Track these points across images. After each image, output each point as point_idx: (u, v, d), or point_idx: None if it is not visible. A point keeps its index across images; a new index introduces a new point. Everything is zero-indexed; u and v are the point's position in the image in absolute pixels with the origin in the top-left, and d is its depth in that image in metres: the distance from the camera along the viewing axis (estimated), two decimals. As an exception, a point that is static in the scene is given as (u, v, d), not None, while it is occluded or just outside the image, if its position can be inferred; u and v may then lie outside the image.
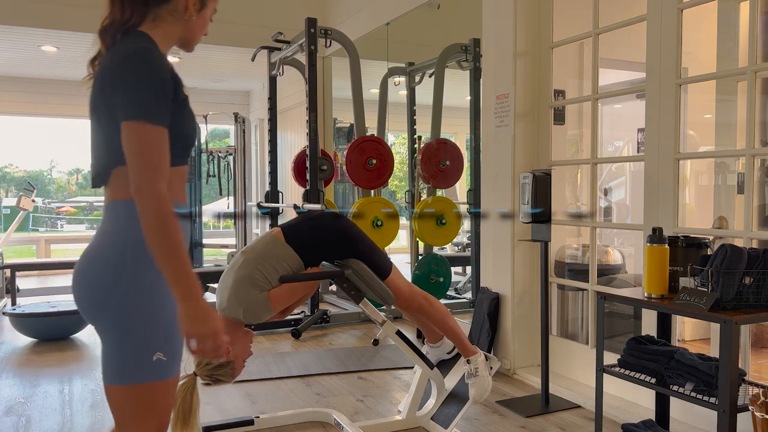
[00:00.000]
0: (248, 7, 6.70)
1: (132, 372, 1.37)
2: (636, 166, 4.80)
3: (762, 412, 1.87)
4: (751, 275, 2.03)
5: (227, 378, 2.50)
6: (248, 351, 2.59)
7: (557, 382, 3.45)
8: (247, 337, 2.58)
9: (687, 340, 4.00)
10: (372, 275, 2.58)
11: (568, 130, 3.93)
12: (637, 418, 2.79)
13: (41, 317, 4.61)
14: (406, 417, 2.89)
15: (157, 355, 1.38)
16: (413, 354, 2.77)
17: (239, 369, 2.54)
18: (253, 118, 9.83)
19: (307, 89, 5.05)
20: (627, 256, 4.38)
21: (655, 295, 2.22)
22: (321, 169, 5.21)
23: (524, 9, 3.66)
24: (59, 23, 6.05)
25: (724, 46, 3.77)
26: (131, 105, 1.29)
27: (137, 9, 1.43)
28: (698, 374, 2.06)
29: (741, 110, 3.70)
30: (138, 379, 1.37)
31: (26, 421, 3.09)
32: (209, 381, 2.47)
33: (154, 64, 1.33)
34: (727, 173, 4.11)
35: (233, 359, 2.48)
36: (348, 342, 4.65)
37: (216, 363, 2.43)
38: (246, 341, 2.57)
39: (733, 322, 1.90)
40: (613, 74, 4.42)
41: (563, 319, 3.92)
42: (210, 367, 2.43)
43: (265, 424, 2.95)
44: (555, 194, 3.32)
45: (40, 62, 7.70)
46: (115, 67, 1.34)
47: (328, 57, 6.77)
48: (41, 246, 9.53)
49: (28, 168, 15.11)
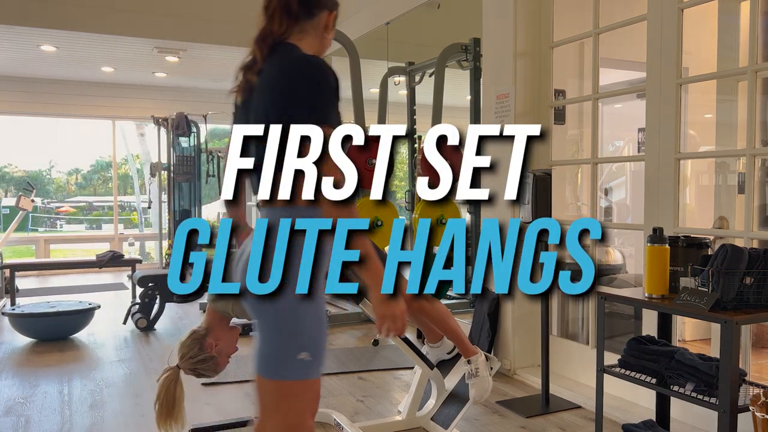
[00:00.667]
0: (248, 7, 6.67)
1: (278, 368, 1.47)
2: (636, 166, 4.80)
3: (762, 413, 1.86)
4: (751, 275, 2.03)
5: (210, 373, 2.47)
6: (233, 347, 2.54)
7: (557, 383, 3.44)
8: (233, 333, 2.54)
9: (687, 340, 4.00)
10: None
11: (569, 129, 3.93)
12: (637, 418, 2.79)
13: (41, 317, 4.60)
14: (406, 417, 2.89)
15: (304, 354, 1.47)
16: (413, 354, 2.76)
17: (223, 364, 2.50)
18: (253, 118, 9.83)
19: (307, 89, 5.04)
20: (627, 256, 4.38)
21: (656, 295, 2.22)
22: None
23: (524, 9, 3.66)
24: (59, 23, 6.05)
25: (725, 46, 3.76)
26: (316, 111, 1.43)
27: (290, 23, 1.59)
28: (699, 374, 2.06)
29: (741, 110, 3.69)
30: (283, 375, 1.47)
31: (26, 422, 3.09)
32: (192, 374, 2.44)
33: (330, 73, 1.49)
34: (727, 173, 4.11)
35: (217, 354, 2.45)
36: (348, 342, 4.65)
37: (200, 357, 2.41)
38: (232, 337, 2.53)
39: (733, 323, 1.90)
40: (614, 74, 4.42)
41: (563, 320, 3.92)
42: (194, 360, 2.41)
43: (264, 424, 2.95)
44: (555, 194, 3.32)
45: (40, 62, 7.70)
46: (296, 76, 1.48)
47: (328, 57, 6.77)
48: (40, 246, 9.53)
49: (27, 168, 15.09)
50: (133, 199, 14.71)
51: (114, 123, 9.64)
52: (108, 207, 14.13)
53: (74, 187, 16.17)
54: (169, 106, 9.31)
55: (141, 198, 13.43)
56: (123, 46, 6.89)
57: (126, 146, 12.85)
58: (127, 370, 3.98)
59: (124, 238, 9.86)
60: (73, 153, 15.03)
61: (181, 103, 9.38)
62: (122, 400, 3.40)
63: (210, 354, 2.44)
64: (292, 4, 1.58)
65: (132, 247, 9.61)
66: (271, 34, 1.58)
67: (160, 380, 2.39)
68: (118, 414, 3.19)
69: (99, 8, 6.16)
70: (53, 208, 15.44)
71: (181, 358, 2.42)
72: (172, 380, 2.38)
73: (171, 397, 2.37)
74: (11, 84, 8.61)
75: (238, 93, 1.60)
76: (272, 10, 1.59)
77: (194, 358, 2.41)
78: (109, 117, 9.45)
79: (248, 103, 1.59)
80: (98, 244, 10.25)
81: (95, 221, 15.30)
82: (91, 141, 13.92)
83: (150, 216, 11.86)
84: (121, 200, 14.57)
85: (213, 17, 6.58)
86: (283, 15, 1.58)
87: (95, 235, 13.77)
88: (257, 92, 1.55)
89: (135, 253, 9.67)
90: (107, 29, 6.23)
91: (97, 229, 14.99)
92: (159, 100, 9.40)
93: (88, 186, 16.61)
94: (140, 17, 6.32)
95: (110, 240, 9.86)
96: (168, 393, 2.36)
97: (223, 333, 2.50)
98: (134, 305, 5.21)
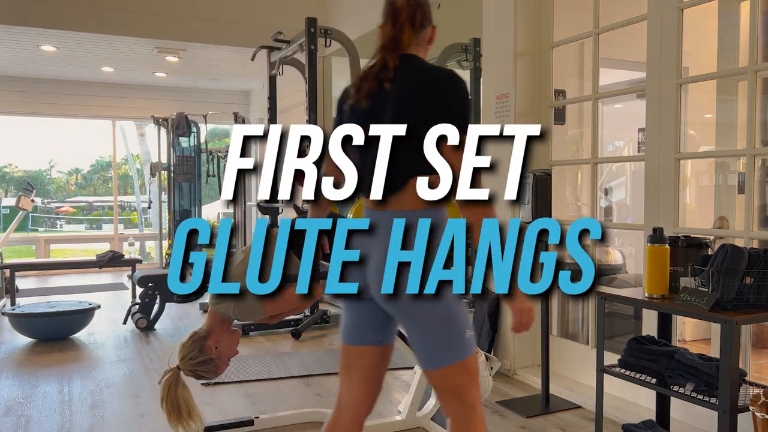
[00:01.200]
0: (248, 6, 6.70)
1: (459, 350, 1.65)
2: (636, 166, 4.80)
3: (762, 413, 1.86)
4: (751, 275, 2.03)
5: (210, 375, 2.46)
6: (234, 350, 2.54)
7: (557, 383, 3.44)
8: (234, 336, 2.54)
9: (687, 340, 4.00)
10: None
11: (569, 129, 3.93)
12: (637, 418, 2.79)
13: (41, 317, 4.60)
14: (406, 417, 2.89)
15: (468, 332, 1.67)
16: (413, 354, 2.76)
17: (223, 367, 2.50)
18: (253, 117, 9.83)
19: (307, 89, 5.05)
20: (627, 256, 4.38)
21: (656, 295, 2.22)
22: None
23: (524, 9, 3.66)
24: (59, 23, 6.05)
25: (725, 46, 3.76)
26: (464, 123, 1.59)
27: (413, 35, 1.74)
28: (699, 374, 2.06)
29: (741, 110, 3.69)
30: (463, 354, 1.65)
31: (26, 422, 3.09)
32: (191, 376, 2.43)
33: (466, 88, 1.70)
34: (727, 173, 4.11)
35: (217, 357, 2.45)
36: (348, 342, 4.65)
37: (200, 359, 2.40)
38: (233, 340, 2.53)
39: (733, 322, 1.90)
40: (614, 74, 4.42)
41: (564, 320, 3.92)
42: (194, 362, 2.40)
43: (265, 424, 2.95)
44: (555, 194, 3.32)
45: (40, 62, 7.70)
46: (447, 89, 1.64)
47: (328, 56, 6.76)
48: (40, 246, 9.53)
49: (27, 168, 15.09)
50: (133, 199, 14.71)
51: (114, 123, 9.64)
52: (108, 207, 14.13)
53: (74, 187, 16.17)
54: (169, 106, 9.31)
55: (141, 198, 13.43)
56: (123, 46, 6.89)
57: (126, 146, 12.85)
58: (127, 370, 3.98)
59: (124, 238, 9.86)
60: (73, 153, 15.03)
61: (181, 103, 9.38)
62: (122, 400, 3.40)
63: (210, 356, 2.43)
64: (417, 18, 1.73)
65: (132, 247, 9.61)
66: (400, 44, 1.71)
67: (162, 382, 2.39)
68: (118, 414, 3.19)
69: (99, 8, 6.16)
70: (53, 208, 15.44)
71: (181, 359, 2.42)
72: (172, 382, 2.38)
73: (174, 398, 2.37)
74: (11, 84, 8.62)
75: (364, 98, 1.69)
76: (402, 22, 1.72)
77: (194, 360, 2.41)
78: (109, 117, 9.45)
79: (379, 108, 1.68)
80: (98, 244, 10.25)
81: (95, 221, 15.30)
82: (91, 141, 13.92)
83: (150, 216, 11.87)
84: (121, 200, 14.57)
85: (213, 17, 6.58)
86: (410, 27, 1.72)
87: (95, 235, 13.77)
88: (395, 99, 1.66)
89: (135, 253, 9.67)
90: (107, 29, 6.23)
91: (97, 229, 14.99)
92: (159, 100, 9.40)
93: (88, 186, 16.61)
94: (140, 17, 6.32)
95: (110, 240, 9.86)
96: (170, 394, 2.37)
97: (224, 335, 2.50)
98: (134, 305, 5.21)
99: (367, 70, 1.73)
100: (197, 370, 2.43)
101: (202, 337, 2.45)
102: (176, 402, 2.37)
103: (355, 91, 1.73)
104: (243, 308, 2.43)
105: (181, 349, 2.44)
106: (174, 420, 2.38)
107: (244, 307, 2.43)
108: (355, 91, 1.73)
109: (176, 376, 2.40)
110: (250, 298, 2.43)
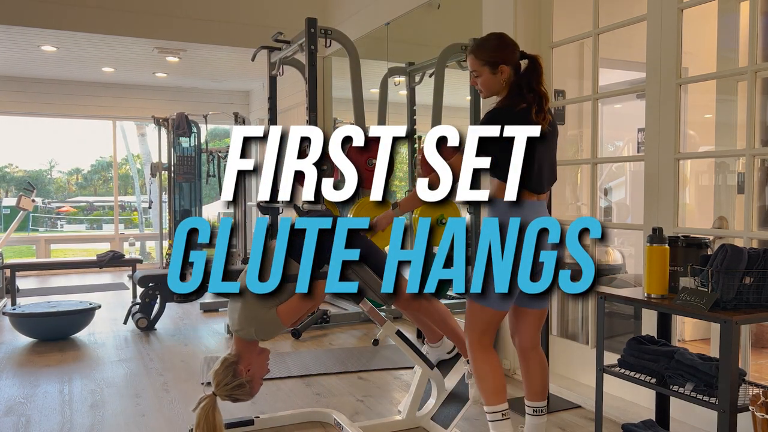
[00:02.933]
0: (248, 7, 6.70)
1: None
2: (636, 166, 4.80)
3: (762, 413, 1.87)
4: (751, 275, 2.03)
5: (245, 397, 2.54)
6: (266, 368, 2.62)
7: (557, 382, 3.45)
8: (264, 355, 2.61)
9: (687, 340, 4.00)
10: (372, 275, 2.58)
11: (569, 130, 3.93)
12: (637, 418, 2.79)
13: (41, 317, 4.60)
14: (406, 417, 2.89)
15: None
16: (413, 354, 2.76)
17: (257, 387, 2.57)
18: (253, 118, 9.83)
19: (307, 89, 5.04)
20: (627, 256, 4.38)
21: (655, 295, 2.22)
22: (321, 169, 5.20)
23: (524, 9, 3.66)
24: (59, 23, 6.05)
25: (725, 46, 3.77)
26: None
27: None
28: (698, 374, 2.06)
29: (741, 110, 3.69)
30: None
31: (26, 421, 3.09)
32: (228, 400, 2.51)
33: None
34: (727, 173, 4.11)
35: (251, 378, 2.51)
36: (348, 342, 4.65)
37: (234, 383, 2.47)
38: (263, 360, 2.60)
39: (733, 322, 1.90)
40: (613, 74, 4.42)
41: (563, 319, 3.92)
42: (229, 387, 2.47)
43: (265, 424, 2.95)
44: (555, 194, 3.32)
45: (40, 62, 7.70)
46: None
47: (328, 57, 6.76)
48: (41, 246, 9.53)
49: (27, 168, 15.10)
50: (133, 199, 14.71)
51: (114, 123, 9.64)
52: (108, 207, 14.13)
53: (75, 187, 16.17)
54: (169, 106, 9.32)
55: (141, 198, 13.43)
56: (123, 46, 6.89)
57: (126, 146, 12.86)
58: (128, 370, 3.98)
59: (124, 238, 9.86)
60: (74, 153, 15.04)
61: (181, 103, 9.38)
62: (122, 399, 3.40)
63: (243, 380, 2.49)
64: None
65: (132, 247, 9.62)
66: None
67: (198, 409, 2.44)
68: (118, 414, 3.19)
69: (99, 8, 6.17)
70: (54, 208, 15.44)
71: (216, 385, 2.48)
72: (210, 408, 2.45)
73: (212, 424, 2.44)
74: (11, 84, 8.62)
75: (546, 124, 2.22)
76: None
77: (229, 385, 2.47)
78: (110, 117, 9.46)
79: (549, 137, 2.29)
80: (99, 244, 10.26)
81: (96, 221, 15.29)
82: (92, 141, 13.92)
83: (150, 216, 11.87)
84: (122, 200, 14.57)
85: (213, 17, 6.58)
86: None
87: (96, 235, 13.76)
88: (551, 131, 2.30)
89: (135, 253, 9.68)
90: (107, 29, 6.23)
91: (97, 229, 14.99)
92: (159, 100, 9.41)
93: (89, 186, 16.61)
94: (140, 17, 6.32)
95: (111, 240, 9.86)
96: (208, 421, 2.43)
97: (254, 357, 2.56)
98: (135, 305, 5.21)
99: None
100: (233, 395, 2.50)
101: (233, 363, 2.51)
102: (213, 427, 2.44)
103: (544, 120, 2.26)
104: (263, 329, 2.47)
105: (215, 376, 2.50)
106: None
107: (264, 327, 2.47)
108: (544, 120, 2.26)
109: (213, 403, 2.46)
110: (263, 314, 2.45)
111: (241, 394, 2.51)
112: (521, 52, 2.31)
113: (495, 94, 2.33)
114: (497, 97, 2.33)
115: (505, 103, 2.26)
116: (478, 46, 2.31)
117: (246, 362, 2.51)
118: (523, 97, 2.23)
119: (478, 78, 2.32)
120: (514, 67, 2.28)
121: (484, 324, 2.32)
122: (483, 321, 2.32)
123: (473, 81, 2.35)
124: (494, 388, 2.32)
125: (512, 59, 2.28)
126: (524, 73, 2.28)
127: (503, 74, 2.27)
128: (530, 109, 2.20)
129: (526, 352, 2.50)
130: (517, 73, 2.29)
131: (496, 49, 2.27)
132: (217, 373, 2.49)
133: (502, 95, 2.31)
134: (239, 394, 2.51)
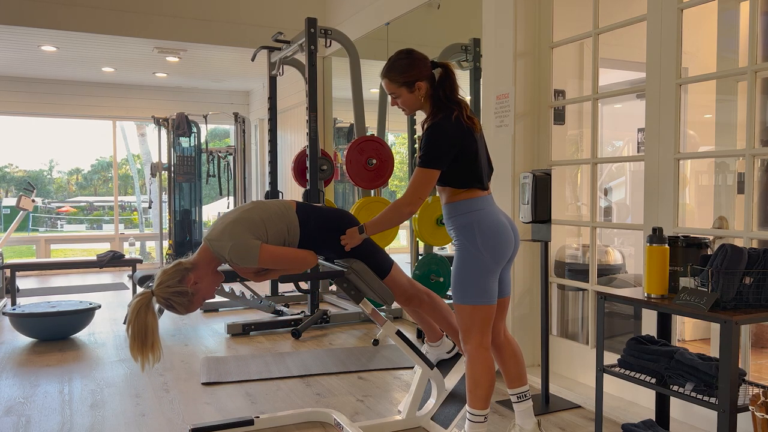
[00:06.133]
0: (248, 7, 6.70)
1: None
2: (636, 166, 4.80)
3: (762, 412, 1.87)
4: (751, 275, 2.03)
5: (181, 309, 2.45)
6: (212, 293, 2.54)
7: (557, 382, 3.45)
8: (217, 278, 2.54)
9: (687, 340, 4.00)
10: (372, 275, 2.58)
11: (568, 130, 3.93)
12: (637, 418, 2.79)
13: (41, 317, 4.61)
14: (406, 417, 2.89)
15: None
16: (413, 354, 2.76)
17: (197, 305, 2.49)
18: (253, 118, 9.83)
19: (307, 89, 5.05)
20: (627, 256, 4.38)
21: (655, 295, 2.22)
22: (321, 169, 5.21)
23: (524, 9, 3.66)
24: (59, 23, 6.06)
25: (725, 46, 3.76)
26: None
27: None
28: (698, 374, 2.06)
29: (741, 110, 3.69)
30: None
31: (26, 421, 3.09)
32: (163, 304, 2.42)
33: None
34: (727, 173, 4.11)
35: (194, 292, 2.44)
36: (348, 342, 4.65)
37: (177, 288, 2.40)
38: (214, 281, 2.53)
39: (733, 322, 1.90)
40: (613, 74, 4.42)
41: (563, 319, 3.92)
42: (171, 290, 2.39)
43: (265, 424, 2.95)
44: (555, 194, 3.32)
45: (40, 62, 7.70)
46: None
47: (328, 57, 6.77)
48: (41, 246, 9.53)
49: (27, 168, 15.10)
50: (133, 199, 14.72)
51: (114, 123, 9.65)
52: (108, 207, 14.14)
53: (75, 187, 16.17)
54: (169, 106, 9.32)
55: (141, 198, 13.44)
56: (123, 46, 6.90)
57: (126, 146, 12.86)
58: (128, 369, 3.98)
59: (124, 238, 9.86)
60: (74, 153, 15.04)
61: (181, 103, 9.39)
62: (122, 399, 3.40)
63: (187, 289, 2.42)
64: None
65: (132, 247, 9.62)
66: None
67: (132, 304, 2.37)
68: (118, 413, 3.19)
69: (99, 8, 6.17)
70: (54, 208, 15.45)
71: (158, 284, 2.40)
72: (143, 304, 2.36)
73: (142, 323, 2.35)
74: (11, 84, 8.62)
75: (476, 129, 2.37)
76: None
77: (171, 288, 2.40)
78: (110, 117, 9.46)
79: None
80: (99, 244, 10.27)
81: (96, 221, 15.30)
82: (92, 141, 13.94)
83: (150, 216, 11.87)
84: (122, 200, 14.58)
85: (213, 17, 6.59)
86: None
87: (96, 235, 13.78)
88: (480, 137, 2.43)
89: (135, 253, 9.68)
90: (107, 29, 6.24)
91: (97, 229, 15.00)
92: (159, 100, 9.41)
93: (89, 186, 16.61)
94: (140, 17, 6.32)
95: (111, 240, 9.86)
96: (139, 317, 2.34)
97: (208, 274, 2.49)
98: (134, 305, 5.21)
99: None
100: (170, 299, 2.41)
101: (186, 269, 2.43)
102: (143, 328, 2.35)
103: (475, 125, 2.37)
104: (240, 249, 2.40)
105: (162, 274, 2.42)
106: (137, 348, 2.37)
107: (241, 248, 2.40)
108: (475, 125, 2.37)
109: (148, 300, 2.38)
110: (248, 239, 2.41)
111: (178, 303, 2.42)
112: (432, 62, 2.36)
113: (418, 109, 2.39)
114: (422, 111, 2.40)
115: (440, 116, 2.30)
116: (390, 69, 2.37)
117: (198, 274, 2.44)
118: (449, 106, 2.30)
119: (398, 99, 2.37)
120: (429, 79, 2.34)
121: (482, 322, 2.33)
122: (481, 320, 2.32)
123: (393, 102, 2.40)
124: (485, 396, 2.35)
125: (426, 73, 2.33)
126: (439, 83, 2.34)
127: (421, 90, 2.33)
128: (461, 115, 2.29)
129: (499, 341, 2.53)
130: (434, 84, 2.34)
131: (408, 68, 2.33)
132: (166, 272, 2.41)
133: (426, 108, 2.37)
134: (176, 302, 2.41)
